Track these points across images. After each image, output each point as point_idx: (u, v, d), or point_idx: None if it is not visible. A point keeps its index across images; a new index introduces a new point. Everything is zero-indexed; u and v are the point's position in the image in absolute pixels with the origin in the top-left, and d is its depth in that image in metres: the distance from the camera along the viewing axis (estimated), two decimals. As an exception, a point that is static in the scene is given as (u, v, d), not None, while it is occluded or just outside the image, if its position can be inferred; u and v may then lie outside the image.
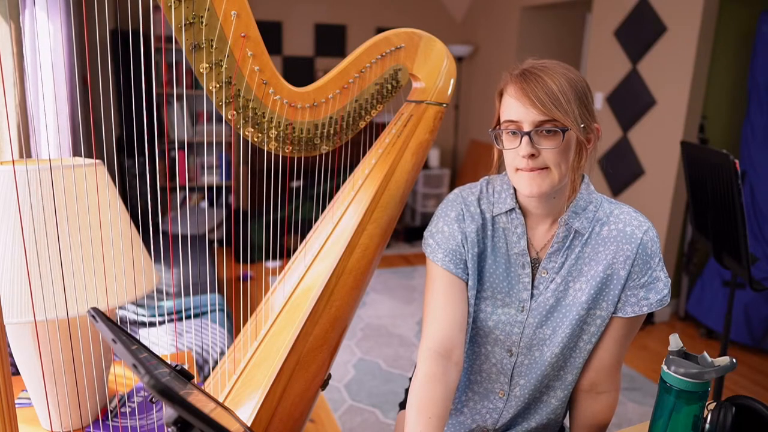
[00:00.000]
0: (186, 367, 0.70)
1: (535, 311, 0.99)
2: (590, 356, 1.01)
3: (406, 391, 1.31)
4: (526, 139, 0.87)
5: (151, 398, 0.53)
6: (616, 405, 1.04)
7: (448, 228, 1.01)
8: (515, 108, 0.89)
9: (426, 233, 1.05)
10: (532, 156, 0.88)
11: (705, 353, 0.82)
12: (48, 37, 1.90)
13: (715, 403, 0.87)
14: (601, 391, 1.03)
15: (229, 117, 0.93)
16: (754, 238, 2.96)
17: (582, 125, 0.88)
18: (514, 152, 0.90)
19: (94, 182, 0.97)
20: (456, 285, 0.99)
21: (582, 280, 0.96)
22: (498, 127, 0.93)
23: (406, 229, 4.76)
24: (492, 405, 1.06)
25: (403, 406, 1.28)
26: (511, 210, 0.99)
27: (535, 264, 1.00)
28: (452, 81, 1.15)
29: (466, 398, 1.09)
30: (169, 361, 0.71)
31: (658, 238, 0.95)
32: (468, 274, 1.01)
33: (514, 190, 0.99)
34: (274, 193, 3.93)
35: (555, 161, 0.88)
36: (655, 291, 0.94)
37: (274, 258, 3.93)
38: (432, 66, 1.13)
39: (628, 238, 0.93)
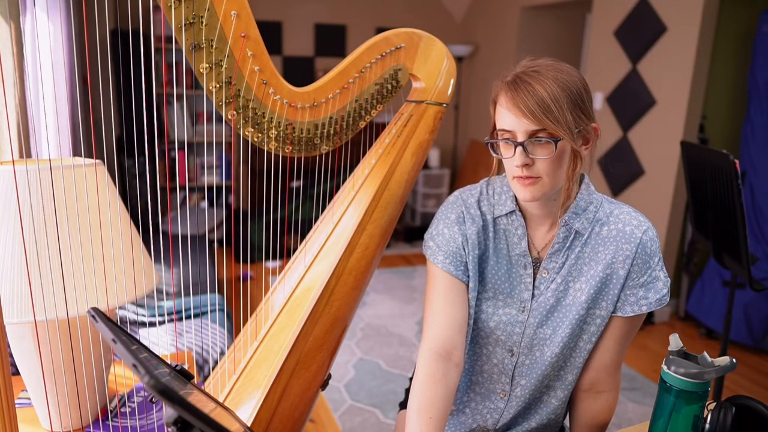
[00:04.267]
0: (186, 367, 0.70)
1: (536, 311, 0.99)
2: (590, 356, 1.01)
3: (406, 391, 1.31)
4: (519, 149, 0.88)
5: (151, 398, 0.53)
6: (615, 405, 1.04)
7: (448, 230, 1.01)
8: (508, 118, 0.89)
9: (426, 236, 1.05)
10: (526, 165, 0.88)
11: (705, 353, 0.82)
12: (48, 37, 1.90)
13: (715, 403, 0.87)
14: (600, 390, 1.03)
15: (229, 117, 0.93)
16: (754, 238, 2.96)
17: (577, 130, 0.88)
18: (510, 160, 0.90)
19: (94, 182, 0.97)
20: (456, 287, 1.00)
21: (582, 279, 0.96)
22: (494, 135, 0.93)
23: (406, 229, 4.76)
24: (493, 405, 1.06)
25: (403, 406, 1.28)
26: (512, 212, 0.99)
27: (536, 264, 1.00)
28: (452, 81, 1.15)
29: (468, 399, 1.09)
30: (169, 361, 0.71)
31: (657, 238, 0.95)
32: (468, 276, 1.01)
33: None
34: (274, 193, 3.93)
35: (548, 170, 0.88)
36: (655, 290, 0.94)
37: (274, 258, 3.93)
38: (432, 66, 1.13)
39: (627, 237, 0.94)
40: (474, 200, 1.03)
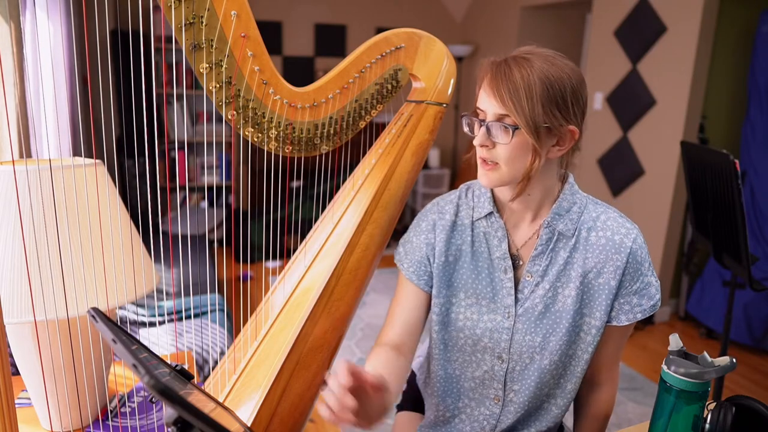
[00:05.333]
0: (186, 367, 0.70)
1: (523, 317, 0.97)
2: None
3: (403, 393, 1.31)
4: (483, 128, 0.88)
5: (151, 398, 0.53)
6: (615, 396, 1.06)
7: (416, 239, 1.04)
8: (481, 97, 0.89)
9: (401, 240, 1.08)
10: (485, 146, 0.88)
11: (705, 353, 0.82)
12: (48, 37, 1.90)
13: (715, 403, 0.86)
14: (599, 383, 1.04)
15: (229, 117, 0.93)
16: (754, 238, 2.96)
17: (546, 126, 0.85)
18: (475, 139, 0.91)
19: (94, 182, 0.97)
20: (416, 294, 1.02)
21: (571, 286, 0.95)
22: (473, 113, 0.93)
23: (406, 229, 4.75)
24: (488, 411, 1.05)
25: (400, 407, 1.28)
26: (490, 214, 0.98)
27: (516, 262, 0.98)
28: (452, 81, 1.15)
29: (463, 405, 1.08)
30: (169, 361, 0.71)
31: (645, 243, 0.94)
32: (431, 286, 1.02)
33: (492, 192, 0.99)
34: (274, 193, 3.93)
35: (506, 158, 0.87)
36: (648, 296, 0.93)
37: (274, 258, 3.93)
38: (432, 66, 1.13)
39: (617, 247, 0.92)
40: (451, 206, 1.02)
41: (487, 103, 0.87)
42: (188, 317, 2.12)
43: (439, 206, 1.04)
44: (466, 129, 0.94)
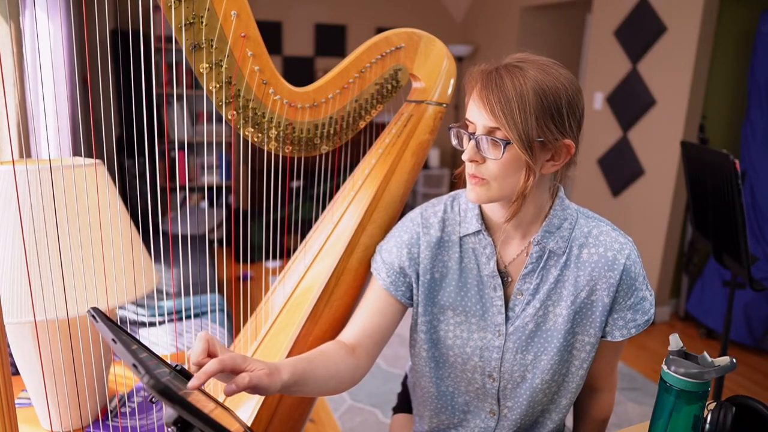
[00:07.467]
0: (186, 367, 0.70)
1: (513, 336, 0.94)
2: None
3: (398, 395, 1.31)
4: (472, 143, 0.84)
5: (151, 398, 0.53)
6: (614, 399, 1.05)
7: (397, 250, 0.99)
8: (471, 108, 0.85)
9: (378, 247, 1.03)
10: (475, 162, 0.84)
11: (705, 353, 0.82)
12: (48, 37, 1.90)
13: (715, 403, 0.86)
14: (597, 388, 1.03)
15: (229, 117, 0.93)
16: (754, 238, 2.96)
17: (540, 140, 0.81)
18: (464, 153, 0.87)
19: (94, 182, 0.97)
20: (387, 302, 0.98)
21: (562, 305, 0.92)
22: (461, 124, 0.88)
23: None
24: (484, 424, 1.03)
25: (396, 409, 1.28)
26: (478, 232, 0.95)
27: (504, 279, 0.95)
28: (452, 81, 1.15)
29: (458, 420, 1.06)
30: (169, 361, 0.71)
31: (639, 257, 0.91)
32: (410, 299, 0.99)
33: (480, 208, 0.95)
34: (274, 193, 3.93)
35: (496, 174, 0.83)
36: (642, 311, 0.92)
37: (274, 258, 3.93)
38: (432, 66, 1.13)
39: (610, 264, 0.89)
40: (437, 220, 0.98)
41: (477, 115, 0.83)
42: (188, 317, 2.12)
43: (423, 218, 0.99)
44: (454, 142, 0.90)
